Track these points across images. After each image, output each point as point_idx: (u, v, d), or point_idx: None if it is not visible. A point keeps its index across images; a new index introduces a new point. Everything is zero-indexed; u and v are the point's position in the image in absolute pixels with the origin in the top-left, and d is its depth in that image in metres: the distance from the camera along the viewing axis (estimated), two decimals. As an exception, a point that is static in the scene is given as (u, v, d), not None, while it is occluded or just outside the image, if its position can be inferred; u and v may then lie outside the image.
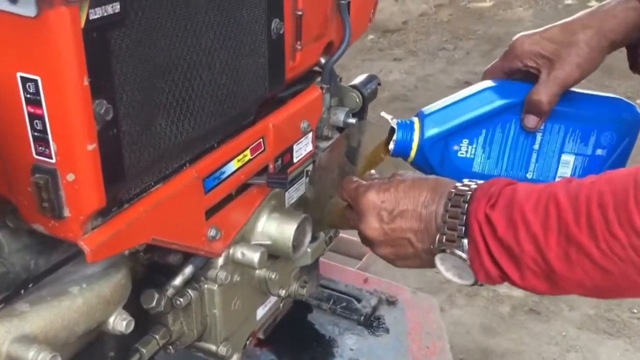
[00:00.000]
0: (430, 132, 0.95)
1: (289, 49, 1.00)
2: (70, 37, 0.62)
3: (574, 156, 0.96)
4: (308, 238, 1.08)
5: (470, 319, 2.48)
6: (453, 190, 0.80)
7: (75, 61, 0.63)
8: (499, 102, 0.94)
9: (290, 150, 1.08)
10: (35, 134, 0.67)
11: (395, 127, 0.96)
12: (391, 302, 1.47)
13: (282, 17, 0.96)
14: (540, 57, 0.94)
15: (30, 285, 0.71)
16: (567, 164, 0.96)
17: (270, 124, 1.00)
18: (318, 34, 1.09)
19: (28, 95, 0.65)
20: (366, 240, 0.90)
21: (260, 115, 1.00)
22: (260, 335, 1.30)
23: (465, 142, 0.95)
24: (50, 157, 0.68)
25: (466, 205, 0.77)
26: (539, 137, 0.95)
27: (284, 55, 0.99)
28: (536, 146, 0.95)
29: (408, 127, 0.95)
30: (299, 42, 1.02)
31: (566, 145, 0.96)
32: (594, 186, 0.69)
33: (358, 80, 1.29)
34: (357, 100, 1.25)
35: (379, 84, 1.32)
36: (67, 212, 0.71)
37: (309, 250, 1.13)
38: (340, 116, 1.20)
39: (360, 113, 1.27)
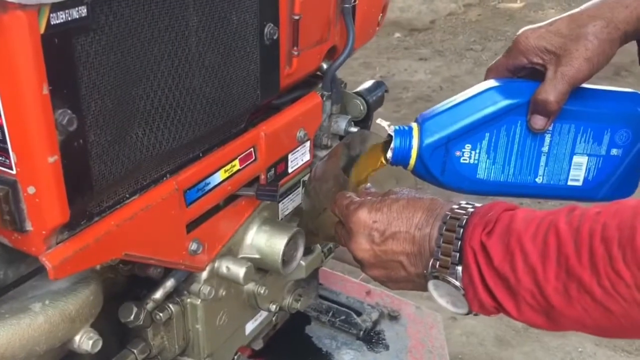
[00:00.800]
0: (430, 138, 0.88)
1: (284, 54, 0.95)
2: (28, 42, 0.58)
3: (586, 157, 0.89)
4: (300, 252, 1.04)
5: (484, 330, 2.41)
6: (449, 213, 0.75)
7: (33, 68, 0.59)
8: (503, 103, 0.87)
9: (284, 159, 1.03)
10: (-5, 143, 0.63)
11: (392, 134, 0.90)
12: (393, 317, 1.42)
13: (277, 21, 0.91)
14: (546, 53, 0.86)
15: (-12, 302, 0.67)
16: (580, 166, 0.89)
17: (262, 132, 0.96)
18: (319, 39, 1.04)
19: (-14, 103, 0.61)
20: (357, 261, 0.85)
21: (252, 123, 0.96)
22: (259, 345, 1.26)
23: (467, 147, 0.88)
24: (11, 168, 0.64)
25: (461, 230, 0.72)
26: (547, 138, 0.88)
27: (279, 61, 0.94)
28: (545, 148, 0.89)
29: (406, 134, 0.89)
30: (295, 48, 0.97)
31: (577, 146, 0.88)
32: (598, 218, 0.63)
33: (364, 86, 1.24)
34: (362, 107, 1.19)
35: (386, 91, 1.27)
36: (29, 226, 0.67)
37: (303, 263, 1.08)
38: (341, 124, 1.15)
39: (364, 121, 1.22)
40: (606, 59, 0.84)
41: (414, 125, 0.91)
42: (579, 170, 0.90)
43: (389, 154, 0.89)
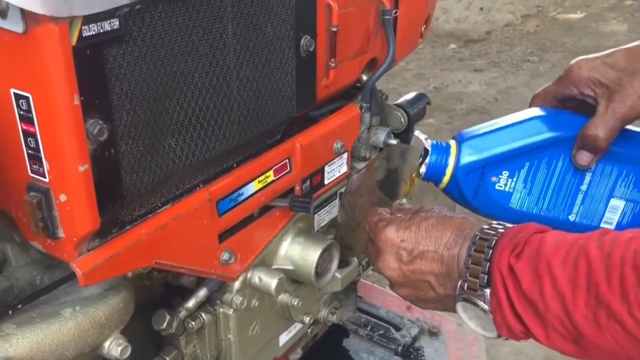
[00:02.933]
0: (467, 158, 0.87)
1: (321, 66, 0.95)
2: (59, 54, 0.59)
3: (624, 202, 0.86)
4: (334, 264, 1.03)
5: (532, 349, 2.35)
6: (478, 234, 0.73)
7: (65, 79, 0.60)
8: (548, 134, 0.85)
9: (321, 171, 1.03)
10: (30, 151, 0.65)
11: (429, 148, 0.88)
12: (433, 333, 1.39)
13: (314, 33, 0.91)
14: (599, 86, 0.83)
15: (20, 306, 0.69)
16: (616, 210, 0.87)
17: (298, 143, 0.95)
18: (358, 51, 1.04)
19: (21, 112, 0.63)
20: (386, 278, 0.84)
21: (288, 135, 0.96)
22: (297, 355, 1.26)
23: (505, 174, 0.86)
24: (44, 176, 0.66)
25: (490, 251, 0.70)
26: (588, 177, 0.86)
27: (315, 73, 0.94)
28: (584, 187, 0.86)
29: (443, 151, 0.87)
30: (333, 60, 0.96)
31: (617, 190, 0.86)
32: (630, 244, 0.61)
33: (405, 98, 1.23)
34: (402, 120, 1.18)
35: (429, 103, 1.25)
36: (61, 233, 0.68)
37: (338, 276, 1.08)
38: (380, 136, 1.14)
39: (405, 133, 1.20)
40: None
41: (452, 143, 0.89)
42: (614, 214, 0.87)
43: (423, 169, 0.88)
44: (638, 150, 0.85)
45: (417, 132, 0.96)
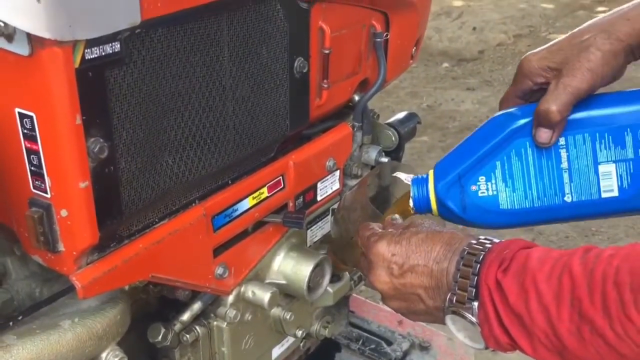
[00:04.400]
0: (442, 179, 0.89)
1: (314, 87, 0.98)
2: (63, 76, 0.62)
3: (613, 164, 0.83)
4: (326, 279, 1.05)
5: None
6: (466, 248, 0.75)
7: (68, 100, 0.63)
8: (506, 128, 0.85)
9: (313, 188, 1.05)
10: (32, 168, 0.68)
11: (410, 184, 0.91)
12: (424, 348, 1.42)
13: (307, 55, 0.94)
14: (549, 71, 0.85)
15: (20, 318, 0.71)
16: (609, 175, 0.83)
17: (291, 161, 0.98)
18: (350, 72, 1.07)
19: (25, 131, 0.66)
20: (377, 291, 0.87)
21: (281, 152, 0.99)
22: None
23: (482, 179, 0.87)
24: (46, 192, 0.68)
25: (478, 265, 0.73)
26: (563, 153, 0.84)
27: (308, 93, 0.97)
28: (564, 164, 0.84)
29: (422, 181, 0.90)
30: (325, 81, 1.00)
31: (599, 155, 0.83)
32: (612, 260, 0.63)
33: (396, 117, 1.26)
34: (393, 138, 1.21)
35: (419, 123, 1.28)
36: (61, 247, 0.71)
37: (330, 290, 1.10)
38: (372, 154, 1.17)
39: (396, 151, 1.23)
40: (611, 70, 0.81)
41: (430, 172, 0.92)
42: (609, 180, 0.84)
43: (411, 204, 0.91)
44: (600, 110, 0.83)
45: (397, 173, 0.99)
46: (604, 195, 0.84)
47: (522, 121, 0.85)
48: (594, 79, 0.81)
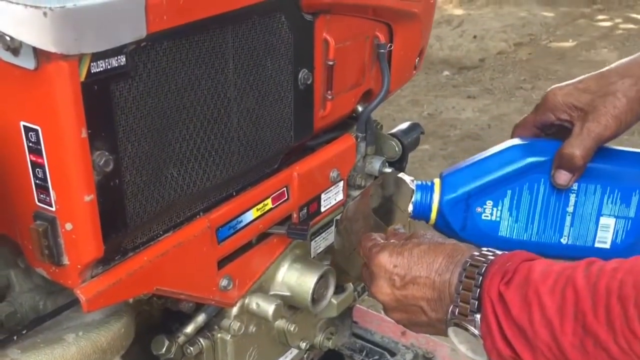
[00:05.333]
0: (450, 194, 0.89)
1: (318, 98, 0.98)
2: (69, 89, 0.62)
3: (614, 219, 0.87)
4: (331, 290, 1.05)
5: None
6: (469, 260, 0.75)
7: (73, 113, 0.63)
8: (526, 160, 0.87)
9: (317, 199, 1.05)
10: (37, 181, 0.68)
11: (414, 188, 0.91)
12: (427, 359, 1.41)
13: (311, 67, 0.94)
14: (574, 110, 0.86)
15: (24, 332, 0.71)
16: (607, 228, 0.87)
17: (295, 172, 0.98)
18: (354, 83, 1.07)
19: (30, 144, 0.66)
20: (379, 303, 0.86)
21: (285, 164, 0.99)
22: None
23: (489, 203, 0.88)
24: (51, 205, 0.68)
25: (480, 278, 0.73)
26: (572, 198, 0.87)
27: (313, 104, 0.97)
28: (570, 208, 0.88)
29: (427, 189, 0.90)
30: (329, 92, 0.99)
31: (604, 207, 0.87)
32: (615, 274, 0.63)
33: (400, 128, 1.26)
34: (397, 149, 1.21)
35: (422, 133, 1.28)
36: (66, 260, 0.71)
37: (334, 301, 1.10)
38: (375, 165, 1.17)
39: (400, 162, 1.23)
40: (635, 117, 0.83)
41: (436, 181, 0.92)
42: (606, 232, 0.88)
43: (410, 208, 0.91)
44: (618, 166, 0.86)
45: (401, 174, 0.99)
46: (597, 245, 0.88)
47: (543, 158, 0.87)
48: (618, 126, 0.83)
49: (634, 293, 0.60)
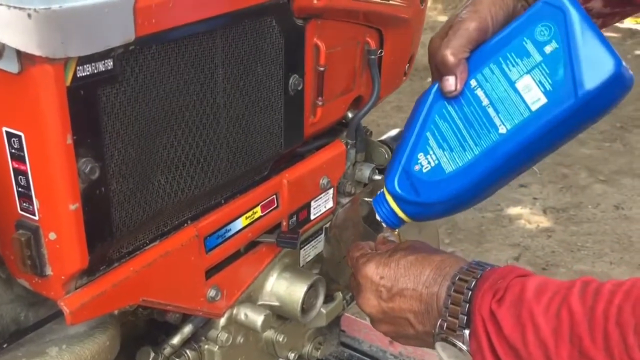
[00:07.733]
0: (389, 179, 0.88)
1: (309, 104, 0.97)
2: (53, 94, 0.60)
3: (527, 76, 0.79)
4: (320, 300, 1.03)
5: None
6: (457, 274, 0.74)
7: (58, 119, 0.61)
8: (424, 104, 0.86)
9: (307, 206, 1.03)
10: (20, 189, 0.65)
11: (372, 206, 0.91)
12: (416, 368, 1.40)
13: (302, 72, 0.92)
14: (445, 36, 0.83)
15: (5, 345, 0.68)
16: (529, 88, 0.79)
17: (285, 180, 0.96)
18: (344, 89, 1.05)
19: (13, 151, 0.63)
20: (366, 315, 0.85)
21: (275, 171, 0.97)
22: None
23: (420, 156, 0.85)
24: (34, 214, 0.66)
25: (470, 293, 0.71)
26: (479, 92, 0.82)
27: (303, 111, 0.96)
28: (485, 102, 0.82)
29: (380, 197, 0.89)
30: (320, 98, 0.98)
31: (511, 75, 0.80)
32: (612, 298, 0.62)
33: (389, 135, 1.25)
34: (386, 156, 1.20)
35: (412, 140, 1.27)
36: (49, 271, 0.68)
37: (323, 311, 1.08)
38: (365, 172, 1.15)
39: (389, 169, 1.22)
40: (502, 9, 0.81)
41: (384, 188, 0.91)
42: (531, 91, 0.79)
43: (383, 224, 0.89)
44: (495, 39, 0.82)
45: (365, 197, 0.98)
46: (533, 107, 0.79)
47: (433, 90, 0.86)
48: (482, 18, 0.80)
49: (634, 320, 0.59)
